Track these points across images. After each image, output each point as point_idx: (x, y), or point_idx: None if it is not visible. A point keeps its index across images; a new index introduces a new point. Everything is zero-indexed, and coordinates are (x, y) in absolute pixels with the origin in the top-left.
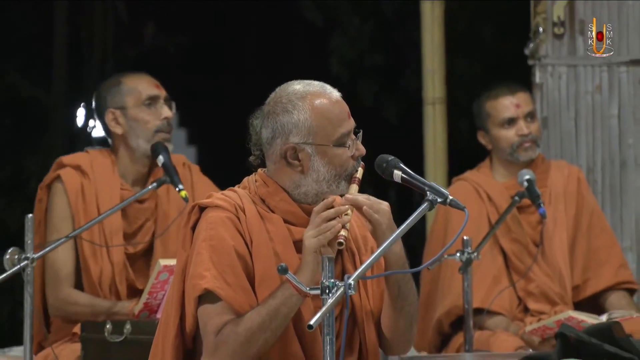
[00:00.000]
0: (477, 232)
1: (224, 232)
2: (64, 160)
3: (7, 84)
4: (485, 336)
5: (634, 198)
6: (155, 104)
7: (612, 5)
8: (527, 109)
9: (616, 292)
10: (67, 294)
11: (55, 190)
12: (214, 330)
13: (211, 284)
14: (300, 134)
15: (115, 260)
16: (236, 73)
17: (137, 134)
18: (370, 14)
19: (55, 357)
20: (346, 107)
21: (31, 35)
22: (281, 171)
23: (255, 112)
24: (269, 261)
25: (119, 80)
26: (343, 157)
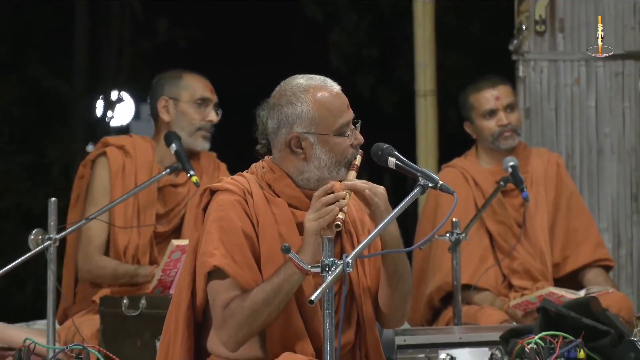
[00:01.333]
0: (465, 214)
1: (233, 214)
2: (109, 140)
3: (30, 75)
4: (473, 310)
5: (609, 183)
6: (206, 105)
7: (589, 4)
8: (507, 101)
9: (593, 269)
10: (97, 260)
11: (100, 165)
12: (222, 305)
13: (220, 262)
14: (303, 124)
15: (142, 236)
16: (242, 65)
17: (181, 126)
18: (367, 10)
19: (77, 329)
20: (345, 99)
21: (53, 30)
22: (286, 159)
23: (262, 104)
24: (273, 241)
25: (180, 74)
26: (343, 146)
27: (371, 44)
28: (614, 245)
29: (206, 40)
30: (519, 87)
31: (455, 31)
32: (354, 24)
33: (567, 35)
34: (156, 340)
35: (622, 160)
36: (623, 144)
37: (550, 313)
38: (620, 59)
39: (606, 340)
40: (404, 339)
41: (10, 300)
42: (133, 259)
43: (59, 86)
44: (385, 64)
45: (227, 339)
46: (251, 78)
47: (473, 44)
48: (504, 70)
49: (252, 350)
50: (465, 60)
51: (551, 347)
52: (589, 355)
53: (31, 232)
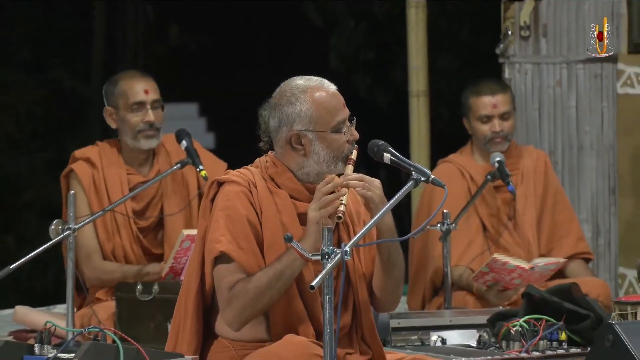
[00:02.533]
0: (460, 206)
1: (238, 204)
2: (76, 154)
3: (52, 77)
4: (462, 295)
5: (589, 177)
6: (142, 108)
7: (570, 11)
8: (502, 109)
9: (575, 260)
10: (100, 264)
11: (73, 181)
12: (227, 286)
13: (226, 247)
14: (302, 123)
15: (125, 236)
16: (248, 68)
17: (125, 131)
18: (364, 16)
19: (94, 313)
20: (341, 98)
21: (73, 34)
22: (287, 154)
23: (264, 104)
24: (276, 229)
25: (116, 81)
26: (340, 142)
27: (368, 48)
28: (593, 235)
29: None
30: None
31: (445, 36)
32: (352, 29)
33: (550, 40)
34: (168, 323)
35: (600, 156)
36: (602, 141)
37: (534, 298)
38: (599, 62)
39: (586, 323)
40: (398, 322)
41: (32, 286)
42: (125, 260)
43: (78, 87)
44: (381, 66)
45: (231, 318)
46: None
47: (462, 47)
48: (491, 72)
49: (257, 332)
50: (455, 63)
51: (535, 330)
52: (570, 337)
53: (52, 222)
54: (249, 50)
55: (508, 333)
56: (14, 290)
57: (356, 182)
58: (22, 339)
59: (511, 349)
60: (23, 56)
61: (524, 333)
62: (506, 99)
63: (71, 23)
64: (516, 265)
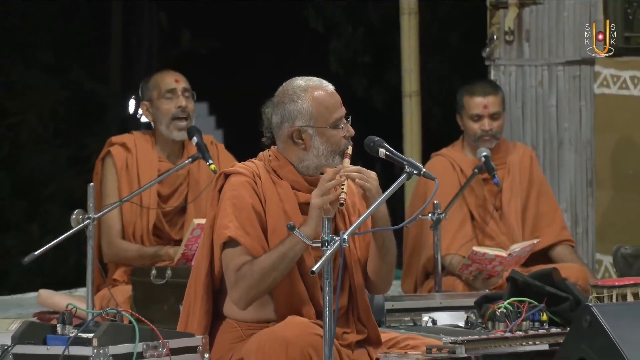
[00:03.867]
0: (452, 196)
1: (244, 193)
2: (113, 139)
3: (72, 78)
4: (452, 280)
5: (568, 171)
6: (174, 95)
7: (551, 17)
8: (493, 110)
9: (561, 245)
10: (119, 243)
11: (107, 163)
12: (234, 268)
13: (233, 233)
14: (303, 119)
15: (148, 219)
16: (254, 70)
17: (160, 120)
18: (361, 23)
19: (112, 296)
20: (339, 97)
21: (92, 40)
22: (288, 149)
23: (267, 103)
24: (279, 217)
25: (150, 77)
26: (337, 137)
27: (364, 51)
28: (572, 223)
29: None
30: None
31: (436, 41)
32: (350, 34)
33: (532, 44)
34: (180, 305)
35: (579, 151)
36: (580, 137)
37: (518, 282)
38: (577, 64)
39: (566, 305)
40: (392, 304)
41: (55, 271)
42: (142, 241)
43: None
44: (377, 69)
45: (238, 298)
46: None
47: (452, 51)
48: (478, 74)
49: (262, 313)
50: (445, 65)
51: (518, 311)
52: (551, 318)
53: (73, 212)
54: (254, 54)
55: (493, 314)
56: (38, 274)
57: (355, 173)
58: (46, 320)
59: (496, 329)
60: (46, 60)
61: (508, 314)
62: (497, 100)
63: (91, 29)
64: (495, 255)
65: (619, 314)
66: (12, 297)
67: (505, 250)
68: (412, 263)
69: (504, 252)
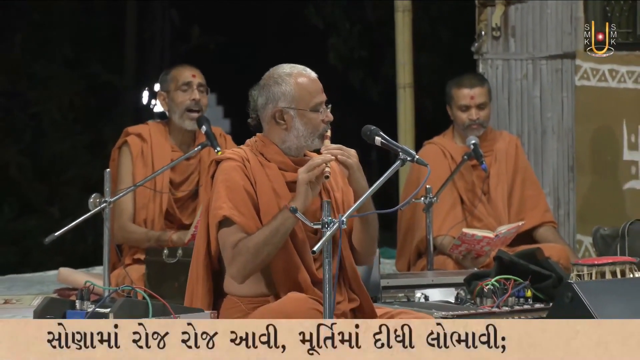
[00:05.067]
0: (443, 181)
1: (236, 175)
2: (129, 129)
3: (90, 71)
4: (443, 259)
5: (551, 157)
6: (190, 88)
7: (535, 15)
8: (479, 101)
9: (544, 226)
10: (128, 227)
11: (123, 153)
12: (231, 245)
13: (228, 212)
14: (286, 101)
15: (161, 204)
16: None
17: (174, 110)
18: (358, 20)
19: (127, 274)
20: (320, 84)
21: (108, 35)
22: (272, 129)
23: (254, 86)
24: (269, 195)
25: (169, 70)
26: (317, 120)
27: (361, 47)
28: (555, 207)
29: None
30: None
31: (428, 36)
32: (348, 31)
33: (517, 40)
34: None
35: (561, 139)
36: (562, 126)
37: (504, 261)
38: (560, 58)
39: (548, 282)
40: (387, 282)
41: (74, 250)
42: (152, 225)
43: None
44: (373, 63)
45: (235, 272)
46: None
47: (443, 46)
48: (467, 68)
49: (260, 287)
50: (437, 59)
51: (504, 288)
52: (535, 294)
53: (90, 196)
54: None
55: (482, 291)
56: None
57: (337, 150)
58: (65, 296)
59: (484, 305)
60: (66, 54)
61: (495, 291)
62: (483, 91)
63: (107, 26)
64: (482, 236)
65: (597, 291)
66: (34, 274)
67: (493, 231)
68: (405, 243)
69: (492, 234)
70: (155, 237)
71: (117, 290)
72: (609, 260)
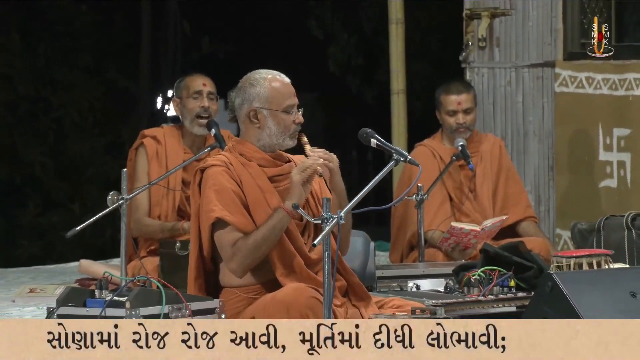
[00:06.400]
0: (432, 180)
1: (222, 179)
2: (145, 132)
3: (108, 78)
4: (433, 251)
5: (532, 158)
6: (200, 96)
7: (517, 27)
8: (465, 106)
9: (525, 221)
10: (144, 221)
11: (139, 153)
12: (229, 243)
13: (220, 214)
14: (260, 102)
15: (174, 200)
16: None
17: (185, 116)
18: (355, 31)
19: (142, 265)
20: (293, 89)
21: (125, 45)
22: (247, 129)
23: (233, 88)
24: (255, 192)
25: (183, 78)
26: (288, 121)
27: (358, 55)
28: (536, 203)
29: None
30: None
31: (419, 46)
32: (345, 41)
33: (502, 50)
34: None
35: (541, 141)
36: (542, 129)
37: (490, 253)
38: (540, 66)
39: (530, 273)
40: (382, 272)
41: (94, 244)
42: (165, 219)
43: (129, 86)
44: (368, 70)
45: (235, 267)
46: None
47: (433, 55)
48: (455, 75)
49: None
50: (427, 67)
51: (490, 278)
52: (518, 284)
53: (109, 193)
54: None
55: (469, 281)
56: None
57: (322, 154)
58: (86, 286)
59: (471, 294)
60: (86, 62)
61: (481, 281)
62: (469, 97)
63: (124, 36)
64: (470, 229)
65: (576, 281)
66: (56, 266)
67: (479, 225)
68: (398, 237)
69: (478, 227)
70: (168, 228)
71: (133, 280)
72: (586, 253)
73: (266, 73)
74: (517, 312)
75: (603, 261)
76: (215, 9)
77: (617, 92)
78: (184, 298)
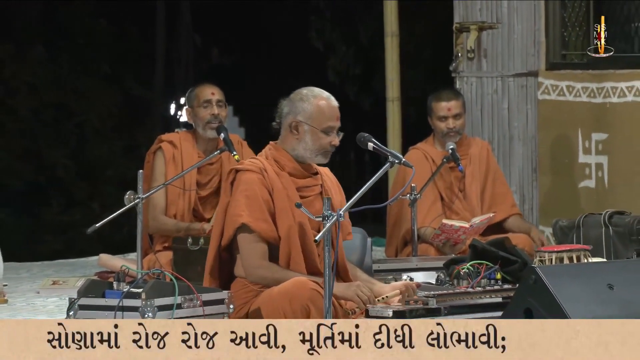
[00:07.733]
0: (424, 181)
1: (255, 187)
2: (162, 137)
3: (125, 86)
4: (425, 247)
5: (517, 160)
6: (210, 104)
7: (504, 39)
8: (455, 112)
9: (512, 217)
10: (160, 219)
11: (158, 155)
12: (253, 265)
13: (247, 220)
14: (304, 116)
15: (190, 201)
16: (268, 81)
17: (197, 124)
18: (353, 43)
19: (157, 259)
20: (338, 112)
21: (141, 55)
22: (286, 137)
23: (285, 98)
24: (284, 200)
25: (194, 88)
26: (325, 140)
27: (355, 65)
28: (520, 202)
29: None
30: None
31: (413, 56)
32: (344, 52)
33: (489, 60)
34: None
35: (525, 145)
36: (526, 133)
37: (478, 248)
38: (525, 76)
39: (515, 266)
40: (378, 266)
41: (112, 239)
42: (181, 217)
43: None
44: (365, 79)
45: (249, 276)
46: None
47: (426, 65)
48: (446, 84)
49: None
50: (420, 76)
51: (478, 271)
52: (504, 277)
53: (126, 193)
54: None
55: (458, 274)
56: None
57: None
58: (104, 278)
59: (460, 285)
60: (104, 71)
61: (470, 274)
62: (458, 104)
63: (140, 47)
64: (459, 226)
65: (557, 274)
66: (78, 260)
67: (468, 222)
68: (393, 234)
69: (467, 224)
70: (184, 227)
71: (149, 273)
72: (566, 248)
73: (318, 92)
74: (503, 302)
75: (582, 256)
76: (224, 23)
77: (595, 100)
78: (195, 289)
